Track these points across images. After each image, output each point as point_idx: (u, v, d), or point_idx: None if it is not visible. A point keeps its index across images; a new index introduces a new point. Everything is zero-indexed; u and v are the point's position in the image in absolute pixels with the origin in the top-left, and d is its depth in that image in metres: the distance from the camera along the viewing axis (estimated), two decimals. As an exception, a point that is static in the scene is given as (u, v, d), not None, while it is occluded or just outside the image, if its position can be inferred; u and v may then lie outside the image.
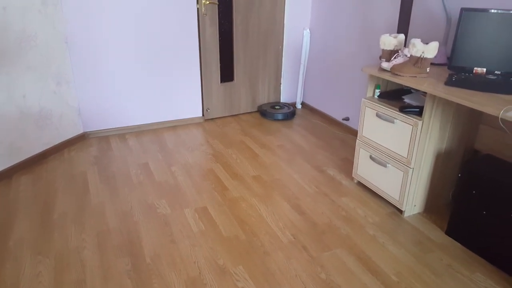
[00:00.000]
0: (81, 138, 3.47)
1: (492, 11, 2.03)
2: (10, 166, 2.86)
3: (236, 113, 4.13)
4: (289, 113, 4.02)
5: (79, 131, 3.46)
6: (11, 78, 2.76)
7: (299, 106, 4.37)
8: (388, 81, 2.52)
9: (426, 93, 2.31)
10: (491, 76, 2.06)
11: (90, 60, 3.31)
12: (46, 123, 3.10)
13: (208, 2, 3.52)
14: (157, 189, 2.71)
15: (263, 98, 4.21)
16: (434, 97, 2.07)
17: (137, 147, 3.35)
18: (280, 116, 3.99)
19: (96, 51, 3.30)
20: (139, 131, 3.69)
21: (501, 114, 1.61)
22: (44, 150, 3.11)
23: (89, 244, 2.17)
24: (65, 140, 3.31)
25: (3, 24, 2.65)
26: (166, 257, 2.07)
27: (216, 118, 4.05)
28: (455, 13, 2.44)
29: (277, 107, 4.11)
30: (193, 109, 3.89)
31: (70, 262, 2.03)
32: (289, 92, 4.34)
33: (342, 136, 3.63)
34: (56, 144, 3.23)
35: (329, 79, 3.88)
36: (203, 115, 3.95)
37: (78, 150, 3.28)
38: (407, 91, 2.48)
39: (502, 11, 2.01)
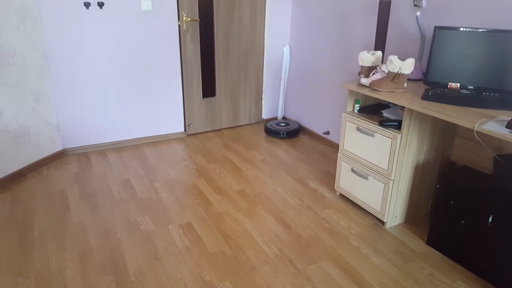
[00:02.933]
0: (61, 155, 3.42)
1: (464, 29, 2.14)
2: (-13, 185, 2.79)
3: (218, 128, 4.15)
4: (295, 130, 3.99)
5: (58, 148, 3.40)
6: (-11, 95, 2.71)
7: (279, 120, 4.43)
8: (367, 96, 2.60)
9: (404, 107, 2.39)
10: (464, 91, 2.16)
11: (69, 77, 3.28)
12: (24, 140, 3.04)
13: (189, 19, 3.56)
14: (139, 206, 2.69)
15: (245, 113, 4.25)
16: (411, 111, 2.15)
17: (118, 163, 3.32)
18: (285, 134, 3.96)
19: (76, 67, 3.28)
20: (120, 147, 3.66)
21: (476, 127, 1.69)
22: (21, 168, 3.05)
23: (71, 264, 2.13)
24: (44, 158, 3.25)
25: (-19, 41, 2.61)
26: (151, 275, 2.05)
27: (198, 133, 4.05)
28: (429, 31, 2.55)
29: (282, 124, 4.09)
30: (174, 125, 3.88)
31: (51, 282, 1.99)
32: (271, 107, 4.40)
33: (323, 149, 3.70)
34: (35, 162, 3.17)
35: (309, 94, 3.96)
36: (185, 130, 3.95)
37: (57, 168, 3.23)
38: (386, 105, 2.56)
39: (472, 29, 2.12)
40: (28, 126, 3.07)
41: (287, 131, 3.92)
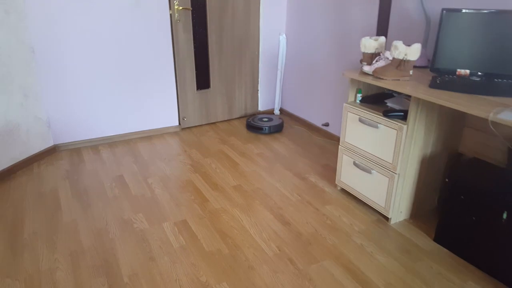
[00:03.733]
0: (52, 151, 3.30)
1: (474, 11, 2.01)
2: (-27, 184, 2.67)
3: (213, 121, 4.03)
4: (278, 125, 3.81)
5: (49, 143, 3.28)
6: (-28, 89, 2.58)
7: (277, 112, 4.31)
8: (369, 85, 2.48)
9: (409, 96, 2.28)
10: (475, 78, 2.04)
11: (58, 70, 3.15)
12: (13, 137, 2.92)
13: (181, 8, 3.42)
14: (133, 203, 2.58)
15: (240, 105, 4.12)
16: (418, 100, 2.03)
17: (111, 159, 3.20)
18: (267, 130, 3.77)
19: (65, 60, 3.14)
20: (113, 142, 3.54)
21: (491, 116, 1.57)
22: (11, 165, 2.93)
23: (62, 265, 2.02)
24: (34, 154, 3.13)
25: (-38, 32, 2.47)
26: (145, 276, 1.94)
27: (192, 126, 3.93)
28: (434, 14, 2.42)
29: (265, 119, 3.91)
30: (168, 118, 3.76)
31: (42, 284, 1.89)
32: (267, 98, 4.27)
33: (322, 142, 3.58)
34: (25, 159, 3.05)
35: (307, 85, 3.83)
36: (179, 124, 3.83)
37: (48, 164, 3.11)
38: (389, 95, 2.44)
39: (483, 11, 1.99)
40: (17, 122, 2.94)
41: (269, 127, 3.75)
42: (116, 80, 3.40)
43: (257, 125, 3.76)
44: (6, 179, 2.87)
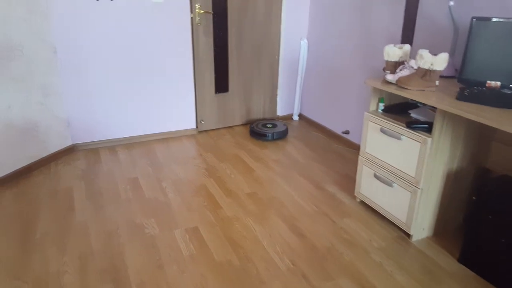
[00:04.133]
0: (70, 151, 3.30)
1: (505, 20, 1.89)
2: (-7, 181, 2.69)
3: (230, 125, 3.97)
4: (282, 132, 3.69)
5: (68, 143, 3.29)
6: (-8, 88, 2.60)
7: (296, 118, 4.22)
8: (391, 94, 2.37)
9: (435, 108, 2.16)
10: (506, 90, 1.91)
11: (79, 70, 3.15)
12: (32, 136, 2.93)
13: (202, 12, 3.38)
14: (146, 207, 2.54)
15: (258, 109, 4.05)
16: (444, 112, 1.91)
17: (127, 161, 3.18)
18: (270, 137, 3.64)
19: (86, 61, 3.15)
20: (130, 143, 3.52)
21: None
22: (29, 164, 2.94)
23: (71, 268, 1.99)
24: (53, 153, 3.14)
25: (-16, 31, 2.49)
26: (152, 285, 1.89)
27: (209, 130, 3.88)
28: (463, 23, 2.30)
29: (269, 125, 3.78)
30: (186, 121, 3.72)
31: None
32: (286, 103, 4.19)
33: (341, 150, 3.47)
34: (43, 157, 3.06)
35: (328, 91, 3.73)
36: (196, 126, 3.79)
37: (65, 164, 3.11)
38: (413, 105, 2.33)
39: (517, 21, 1.86)
40: (36, 121, 2.95)
41: (274, 133, 3.62)
42: (136, 81, 3.38)
43: (261, 131, 3.65)
44: (24, 177, 2.88)
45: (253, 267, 2.01)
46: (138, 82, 3.40)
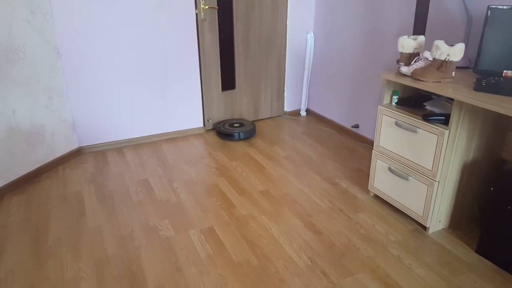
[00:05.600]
0: (77, 154, 3.28)
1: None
2: (0, 187, 2.66)
3: (238, 122, 3.95)
4: (250, 131, 3.58)
5: (74, 146, 3.26)
6: (-2, 93, 2.57)
7: (303, 113, 4.19)
8: (405, 87, 2.34)
9: (450, 99, 2.13)
10: (523, 80, 1.88)
11: (83, 72, 3.12)
12: (38, 140, 2.91)
13: (207, 7, 3.34)
14: (158, 209, 2.51)
15: (266, 106, 4.02)
16: (462, 104, 1.89)
17: (136, 162, 3.16)
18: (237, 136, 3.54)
19: (90, 61, 3.11)
20: (137, 144, 3.50)
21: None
22: (36, 168, 2.91)
23: (87, 274, 1.97)
24: (59, 157, 3.12)
25: (-12, 36, 2.46)
26: (171, 288, 1.87)
27: (217, 128, 3.86)
28: (477, 12, 2.26)
29: (235, 124, 3.67)
30: (193, 120, 3.70)
31: (66, 295, 1.84)
32: (293, 99, 4.16)
33: (352, 144, 3.45)
34: (50, 161, 3.03)
35: (336, 85, 3.70)
36: (204, 125, 3.76)
37: (73, 167, 3.08)
38: (426, 97, 2.30)
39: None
40: (42, 124, 2.92)
41: (242, 132, 3.52)
42: (141, 81, 3.35)
43: (227, 131, 3.55)
44: (31, 182, 2.86)
45: (272, 266, 2.00)
46: (143, 82, 3.36)
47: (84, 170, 3.04)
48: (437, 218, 2.19)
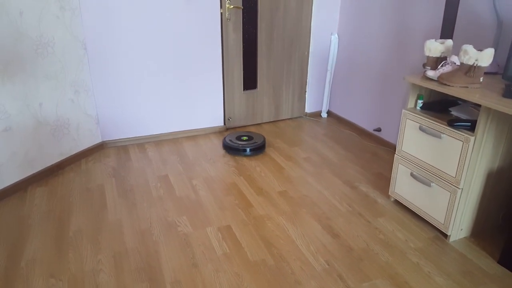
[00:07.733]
0: (100, 148, 3.34)
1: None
2: (25, 178, 2.73)
3: (258, 122, 3.95)
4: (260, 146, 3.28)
5: (98, 140, 3.32)
6: (26, 86, 2.63)
7: (324, 115, 4.16)
8: (430, 91, 2.30)
9: (477, 105, 2.08)
10: (555, 87, 1.82)
11: (108, 67, 3.17)
12: (63, 133, 2.97)
13: (232, 7, 3.35)
14: (177, 205, 2.54)
15: (287, 106, 4.01)
16: (489, 110, 1.84)
17: (157, 158, 3.19)
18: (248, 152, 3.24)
19: (115, 58, 3.16)
20: (159, 140, 3.54)
21: None
22: (60, 161, 2.98)
23: (106, 267, 2.00)
24: (83, 150, 3.18)
25: (19, 30, 2.52)
26: (187, 284, 1.88)
27: (237, 127, 3.87)
28: (507, 16, 2.20)
29: (244, 137, 3.39)
30: (214, 118, 3.72)
31: (85, 286, 1.87)
32: (315, 100, 4.13)
33: (373, 148, 3.40)
34: (73, 154, 3.10)
35: (358, 87, 3.66)
36: (224, 124, 3.78)
37: (95, 161, 3.14)
38: (452, 102, 2.25)
39: None
40: (68, 118, 2.99)
41: (251, 148, 3.23)
42: (165, 78, 3.39)
43: (235, 145, 3.25)
44: (55, 174, 2.93)
45: (288, 267, 1.99)
46: (167, 79, 3.40)
47: (106, 164, 3.10)
48: (459, 226, 2.14)
